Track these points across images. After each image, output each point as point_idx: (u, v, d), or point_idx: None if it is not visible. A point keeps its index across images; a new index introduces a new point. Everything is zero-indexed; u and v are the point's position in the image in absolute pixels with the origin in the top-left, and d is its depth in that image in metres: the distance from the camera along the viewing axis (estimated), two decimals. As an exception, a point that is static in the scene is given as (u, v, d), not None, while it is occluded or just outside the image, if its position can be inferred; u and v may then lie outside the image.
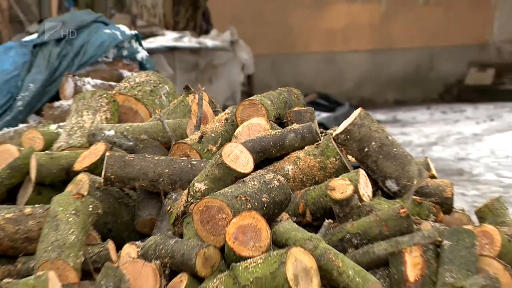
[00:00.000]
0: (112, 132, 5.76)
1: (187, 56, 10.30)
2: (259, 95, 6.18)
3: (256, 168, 5.26)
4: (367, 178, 5.39)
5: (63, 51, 7.55)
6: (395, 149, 5.60)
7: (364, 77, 16.53)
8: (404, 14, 16.81)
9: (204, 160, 5.48)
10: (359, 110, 5.67)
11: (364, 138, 5.55)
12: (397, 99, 16.55)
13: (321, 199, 5.20)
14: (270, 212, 4.97)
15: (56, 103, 7.21)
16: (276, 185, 5.06)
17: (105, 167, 5.38)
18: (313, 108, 6.35)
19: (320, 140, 5.56)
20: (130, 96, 6.50)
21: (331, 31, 16.36)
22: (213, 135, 5.77)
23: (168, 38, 10.50)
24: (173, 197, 5.32)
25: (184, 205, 5.13)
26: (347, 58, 16.45)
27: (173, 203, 5.26)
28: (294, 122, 5.94)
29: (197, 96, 6.15)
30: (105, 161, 5.40)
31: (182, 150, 5.66)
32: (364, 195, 5.25)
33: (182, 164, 5.43)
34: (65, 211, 5.09)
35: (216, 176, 5.16)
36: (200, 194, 5.06)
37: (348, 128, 5.56)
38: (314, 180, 5.42)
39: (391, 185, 5.52)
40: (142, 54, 8.02)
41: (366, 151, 5.54)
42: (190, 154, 5.62)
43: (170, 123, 5.97)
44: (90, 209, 5.19)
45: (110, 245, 5.19)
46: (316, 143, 5.54)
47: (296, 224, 5.01)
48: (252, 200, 4.91)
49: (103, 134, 5.76)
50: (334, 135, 5.57)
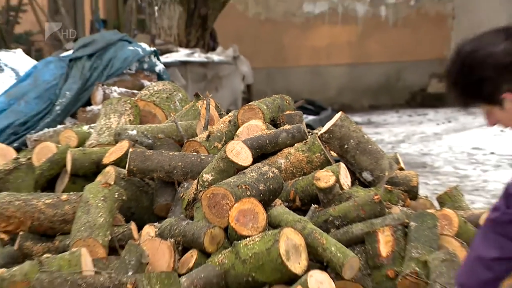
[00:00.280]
0: (134, 132, 5.74)
1: (197, 69, 10.24)
2: (256, 101, 6.18)
3: (254, 162, 5.28)
4: (347, 170, 5.39)
5: (94, 64, 7.52)
6: (370, 146, 5.61)
7: (344, 86, 16.48)
8: (376, 34, 16.77)
9: (211, 155, 5.47)
10: (339, 114, 5.69)
11: (344, 137, 5.56)
12: (371, 105, 16.50)
13: (308, 188, 5.20)
14: (266, 198, 4.99)
15: (88, 108, 7.19)
16: (271, 176, 5.06)
17: (128, 161, 5.37)
18: (301, 112, 6.36)
19: (307, 139, 5.55)
20: (150, 102, 6.49)
21: (316, 48, 16.31)
22: (218, 134, 5.75)
23: (181, 54, 10.43)
24: (185, 186, 5.31)
25: (194, 192, 5.13)
26: (330, 70, 16.40)
27: (185, 191, 5.27)
28: (286, 123, 5.94)
29: (205, 102, 6.13)
30: (128, 156, 5.39)
31: (193, 147, 5.65)
32: (344, 184, 5.25)
33: (193, 158, 5.43)
34: (95, 197, 5.08)
35: (221, 168, 5.17)
36: (207, 184, 5.07)
37: (331, 128, 5.57)
38: (302, 171, 5.41)
39: (367, 176, 5.52)
40: (160, 67, 7.99)
41: (345, 147, 5.54)
42: (200, 150, 5.61)
43: (183, 124, 5.97)
44: (116, 196, 5.19)
45: (133, 226, 5.19)
46: (304, 141, 5.54)
47: (287, 208, 5.02)
48: (251, 189, 4.94)
49: (127, 134, 5.74)
50: (319, 134, 5.58)
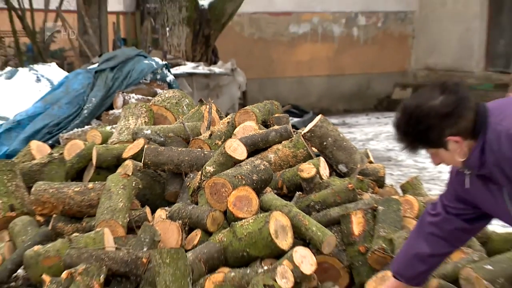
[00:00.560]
0: (149, 131, 5.72)
1: (201, 79, 10.23)
2: (250, 106, 6.20)
3: (248, 156, 5.28)
4: (325, 163, 5.38)
5: (115, 75, 7.51)
6: (344, 143, 5.61)
7: (323, 93, 16.45)
8: (350, 50, 16.76)
9: (213, 151, 5.47)
10: (319, 116, 5.71)
11: (323, 135, 5.54)
12: (345, 109, 16.47)
13: (293, 178, 5.20)
14: (258, 186, 4.99)
15: (111, 111, 7.17)
16: (263, 168, 5.05)
17: (144, 155, 5.36)
18: (287, 115, 6.36)
19: (293, 137, 5.54)
20: (162, 107, 6.48)
21: (300, 62, 16.30)
22: (219, 133, 5.75)
23: (188, 67, 10.43)
24: (191, 176, 5.30)
25: (198, 182, 5.13)
26: (311, 80, 16.39)
27: (191, 180, 5.26)
28: (275, 124, 5.94)
29: (208, 107, 6.12)
30: (144, 151, 5.38)
31: (197, 144, 5.64)
32: (323, 175, 5.24)
33: (197, 153, 5.41)
34: (116, 186, 5.07)
35: (221, 162, 5.16)
36: (210, 174, 5.07)
37: (312, 128, 5.56)
38: (288, 164, 5.40)
39: (342, 168, 5.51)
40: (170, 78, 7.97)
41: (324, 144, 5.53)
42: (203, 147, 5.61)
43: (189, 125, 5.96)
44: (133, 184, 5.17)
45: (147, 210, 5.19)
46: (290, 139, 5.53)
47: (276, 195, 5.00)
48: (245, 179, 4.94)
49: (142, 133, 5.72)
50: (302, 133, 5.57)
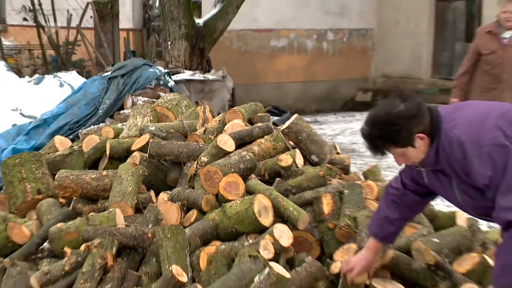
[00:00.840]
0: (153, 128, 5.69)
1: (197, 84, 10.21)
2: (238, 107, 6.18)
3: (236, 148, 5.25)
4: (300, 154, 5.35)
5: (125, 81, 7.48)
6: (316, 137, 5.59)
7: (298, 96, 16.45)
8: (320, 61, 16.76)
9: (207, 144, 5.43)
10: (295, 115, 5.70)
11: (299, 131, 5.52)
12: (317, 109, 16.46)
13: (274, 166, 5.17)
14: (244, 174, 4.97)
15: (122, 111, 7.14)
16: (248, 158, 5.03)
17: (149, 148, 5.33)
18: (269, 114, 6.33)
19: (273, 132, 5.50)
20: (164, 107, 6.45)
21: (279, 70, 16.30)
22: (211, 129, 5.71)
23: (186, 74, 10.40)
24: (188, 165, 5.27)
25: (195, 170, 5.12)
26: (288, 86, 16.38)
27: (188, 168, 5.24)
28: (258, 122, 5.90)
29: (202, 107, 6.09)
30: (149, 144, 5.34)
31: (194, 138, 5.61)
32: (298, 164, 5.21)
33: (194, 146, 5.38)
34: (126, 173, 5.04)
35: (213, 153, 5.15)
36: (204, 164, 5.05)
37: (289, 125, 5.53)
38: (269, 155, 5.38)
39: (314, 158, 5.49)
40: (171, 83, 7.92)
41: (299, 138, 5.50)
42: (199, 141, 5.57)
43: (187, 123, 5.92)
44: (140, 172, 5.14)
45: (152, 193, 5.16)
46: (271, 134, 5.49)
47: (259, 180, 4.99)
48: (234, 167, 4.94)
49: (148, 129, 5.69)
50: (281, 129, 5.54)
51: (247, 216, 4.49)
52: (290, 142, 5.52)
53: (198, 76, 10.57)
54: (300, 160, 5.28)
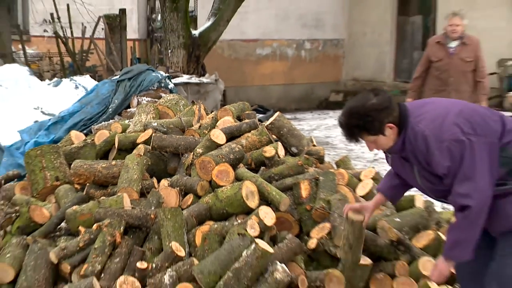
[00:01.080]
0: (155, 124, 5.64)
1: (193, 87, 10.16)
2: (228, 105, 6.13)
3: (227, 141, 5.21)
4: (282, 146, 5.33)
5: (132, 84, 7.43)
6: (295, 131, 5.56)
7: (280, 97, 16.41)
8: (299, 66, 16.74)
9: (201, 138, 5.39)
10: (277, 113, 5.67)
11: (280, 126, 5.50)
12: (296, 108, 16.43)
13: (259, 157, 5.14)
14: (234, 163, 4.95)
15: (128, 110, 7.08)
16: (237, 150, 5.00)
17: (152, 141, 5.29)
18: (255, 112, 6.31)
19: (259, 128, 5.47)
20: (165, 106, 6.40)
21: (264, 74, 16.27)
22: (206, 125, 5.68)
23: (184, 78, 10.34)
24: (186, 156, 5.23)
25: (191, 160, 5.07)
26: (272, 88, 16.36)
27: (186, 159, 5.20)
28: (245, 119, 5.86)
29: (198, 106, 6.06)
30: (152, 138, 5.30)
31: (190, 133, 5.57)
32: (280, 155, 5.19)
33: (191, 139, 5.35)
34: (132, 163, 5.01)
35: (207, 145, 5.12)
36: (199, 154, 5.03)
37: (273, 121, 5.51)
38: (255, 147, 5.34)
39: (294, 149, 5.46)
40: (171, 86, 7.87)
41: (281, 133, 5.48)
42: (194, 135, 5.53)
43: (185, 119, 5.88)
44: (144, 162, 5.11)
45: (154, 180, 5.12)
46: (257, 129, 5.46)
47: (247, 169, 4.96)
48: (225, 157, 4.92)
49: (151, 125, 5.64)
50: (265, 125, 5.51)
51: (236, 199, 4.48)
52: (273, 136, 5.50)
53: (194, 79, 10.52)
54: (281, 152, 5.25)
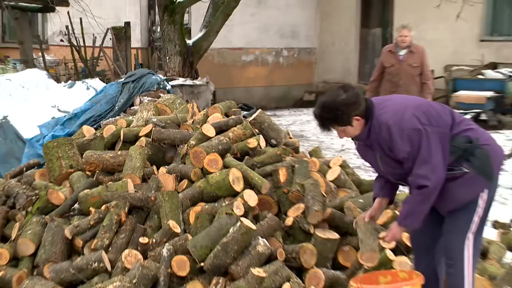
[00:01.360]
0: (155, 119, 5.58)
1: (188, 88, 10.09)
2: (218, 104, 6.06)
3: (216, 135, 5.15)
4: (263, 139, 5.27)
5: (135, 85, 7.34)
6: (275, 126, 5.50)
7: (262, 97, 16.36)
8: (278, 71, 16.71)
9: (194, 131, 5.33)
10: (259, 110, 5.59)
11: (262, 122, 5.43)
12: (275, 106, 16.37)
13: (244, 147, 5.10)
14: (222, 153, 4.90)
15: (132, 108, 7.00)
16: (225, 141, 4.96)
17: (152, 134, 5.22)
18: (240, 110, 6.24)
19: (243, 123, 5.41)
20: (163, 104, 6.32)
21: (248, 78, 16.22)
22: (198, 121, 5.62)
23: (180, 81, 10.25)
24: (181, 147, 5.18)
25: (186, 150, 5.01)
26: (255, 89, 16.31)
27: (181, 149, 5.14)
28: (232, 115, 5.80)
29: (191, 105, 6.00)
30: (152, 132, 5.24)
31: (185, 127, 5.51)
32: (262, 146, 5.14)
33: (185, 133, 5.29)
34: (135, 153, 4.95)
35: (199, 138, 5.07)
36: (192, 146, 4.96)
37: (255, 117, 5.45)
38: (240, 139, 5.29)
39: (273, 141, 5.41)
40: (169, 87, 7.78)
41: (262, 127, 5.42)
42: (188, 129, 5.47)
43: (180, 116, 5.81)
44: (146, 152, 5.05)
45: (154, 168, 5.05)
46: (242, 124, 5.40)
47: (233, 158, 4.90)
48: (214, 148, 4.88)
49: (151, 120, 5.57)
50: (249, 120, 5.45)
51: (224, 184, 4.44)
52: (256, 130, 5.45)
53: (188, 82, 10.45)
54: (263, 143, 5.21)
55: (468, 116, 11.78)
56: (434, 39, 14.07)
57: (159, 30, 14.14)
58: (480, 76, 13.02)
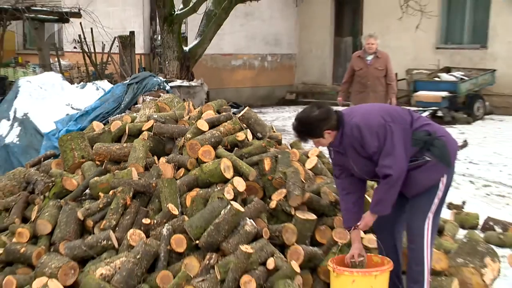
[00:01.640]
0: (156, 116, 5.50)
1: (185, 88, 10.00)
2: (211, 102, 5.99)
3: (209, 129, 5.07)
4: (250, 132, 5.20)
5: (138, 86, 7.25)
6: (260, 121, 5.42)
7: (249, 96, 16.30)
8: (263, 74, 16.67)
9: (190, 126, 5.25)
10: (247, 108, 5.50)
11: (249, 118, 5.34)
12: (261, 104, 16.34)
13: (233, 140, 5.02)
14: (215, 145, 4.83)
15: (136, 106, 6.91)
16: (217, 135, 4.90)
17: (153, 129, 5.15)
18: (230, 107, 6.15)
19: (233, 119, 5.35)
20: (163, 103, 6.24)
21: (238, 80, 16.16)
22: (193, 117, 5.55)
23: (178, 82, 10.16)
24: (179, 139, 5.10)
25: (183, 142, 4.95)
26: (243, 89, 16.25)
27: (179, 142, 5.06)
28: (223, 112, 5.73)
29: (188, 103, 5.94)
30: (153, 126, 5.17)
31: (182, 123, 5.44)
32: (249, 139, 5.08)
33: (182, 127, 5.21)
34: (138, 145, 4.87)
35: (194, 132, 5.00)
36: (189, 138, 4.90)
37: (243, 114, 5.36)
38: (230, 133, 5.20)
39: (259, 135, 5.33)
40: (168, 88, 7.69)
41: (250, 122, 5.33)
42: (185, 124, 5.39)
43: (178, 113, 5.74)
44: (148, 144, 4.97)
45: (155, 158, 4.97)
46: (231, 120, 5.33)
47: (224, 149, 4.84)
48: (207, 141, 4.81)
49: (153, 117, 5.49)
50: (238, 116, 5.38)
51: (216, 172, 4.39)
52: (244, 125, 5.39)
53: (185, 83, 10.35)
54: (250, 136, 5.16)
55: (426, 113, 11.84)
56: (397, 46, 14.16)
57: (159, 38, 14.04)
58: (436, 79, 13.11)
